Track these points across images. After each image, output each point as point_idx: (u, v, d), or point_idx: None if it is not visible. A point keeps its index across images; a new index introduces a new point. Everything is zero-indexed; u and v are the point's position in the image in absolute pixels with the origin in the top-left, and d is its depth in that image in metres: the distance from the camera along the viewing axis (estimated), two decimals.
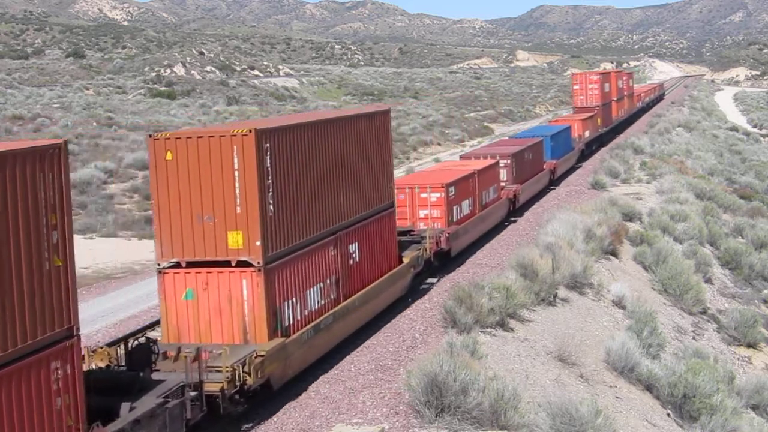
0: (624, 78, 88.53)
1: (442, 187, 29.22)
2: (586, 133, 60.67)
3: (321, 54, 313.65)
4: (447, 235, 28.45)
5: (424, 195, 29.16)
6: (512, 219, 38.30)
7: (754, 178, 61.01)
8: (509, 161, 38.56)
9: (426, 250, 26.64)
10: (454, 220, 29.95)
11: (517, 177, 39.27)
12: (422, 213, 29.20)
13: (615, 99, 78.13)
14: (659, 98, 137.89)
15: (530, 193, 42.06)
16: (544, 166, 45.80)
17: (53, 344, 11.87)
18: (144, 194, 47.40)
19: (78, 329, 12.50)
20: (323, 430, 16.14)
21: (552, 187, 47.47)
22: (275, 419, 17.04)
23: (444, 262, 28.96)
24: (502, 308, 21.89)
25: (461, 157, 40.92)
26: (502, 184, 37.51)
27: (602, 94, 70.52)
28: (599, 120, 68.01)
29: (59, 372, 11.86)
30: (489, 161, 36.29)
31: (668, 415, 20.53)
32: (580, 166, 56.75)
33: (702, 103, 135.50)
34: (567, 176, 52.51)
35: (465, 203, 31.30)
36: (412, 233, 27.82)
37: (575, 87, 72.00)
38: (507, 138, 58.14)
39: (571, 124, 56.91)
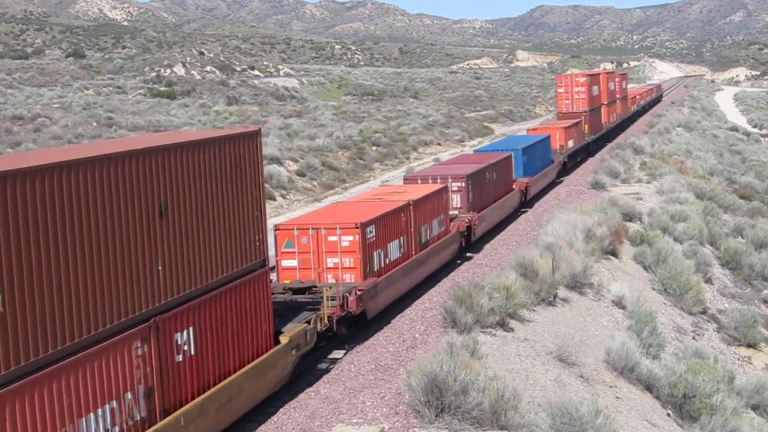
0: (616, 79, 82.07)
1: (356, 227, 22.34)
2: (570, 143, 54.62)
3: (321, 54, 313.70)
4: (358, 292, 21.39)
5: (332, 238, 22.36)
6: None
7: (754, 178, 60.99)
8: (463, 184, 32.01)
9: (322, 318, 20.02)
10: (374, 269, 23.22)
11: (475, 203, 32.86)
12: (331, 262, 22.39)
13: (606, 103, 72.13)
14: (656, 100, 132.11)
15: (492, 221, 35.54)
16: (514, 186, 39.60)
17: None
18: None
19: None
20: (323, 430, 16.14)
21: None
22: (275, 419, 17.05)
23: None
24: (502, 308, 21.89)
25: (405, 179, 33.83)
26: (454, 212, 31.47)
27: (590, 98, 64.50)
28: (586, 127, 62.15)
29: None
30: (433, 187, 29.73)
31: (668, 415, 20.54)
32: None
33: (702, 103, 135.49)
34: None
35: (393, 245, 24.71)
36: (314, 291, 21.22)
37: (559, 90, 65.80)
38: (470, 153, 49.03)
39: (551, 132, 51.19)
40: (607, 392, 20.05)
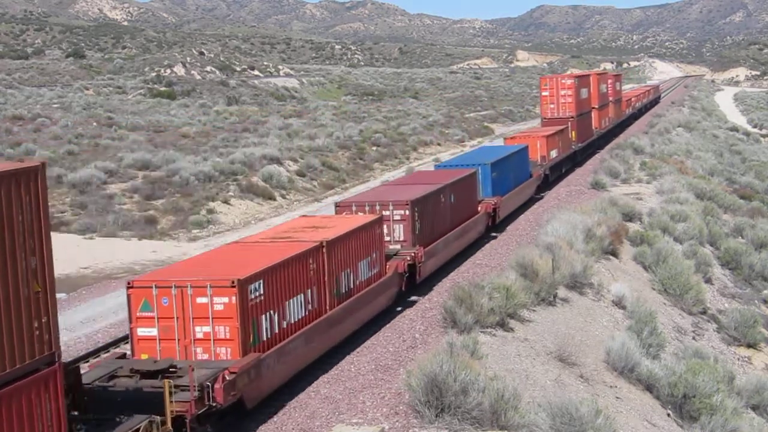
0: (609, 81, 75.46)
1: (233, 285, 16.44)
2: (553, 153, 48.13)
3: (321, 54, 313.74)
4: (229, 377, 15.66)
5: (202, 300, 16.62)
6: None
7: (754, 178, 60.99)
8: (407, 212, 26.05)
9: (166, 421, 14.31)
10: (262, 339, 17.33)
11: (423, 234, 26.98)
12: (200, 331, 16.69)
13: (596, 107, 65.89)
14: (654, 102, 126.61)
15: (446, 255, 29.39)
16: (479, 208, 33.81)
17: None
18: (144, 194, 47.47)
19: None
20: (323, 430, 16.14)
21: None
22: (275, 419, 17.05)
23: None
24: (502, 308, 21.89)
25: (338, 206, 26.83)
26: (395, 247, 25.75)
27: (578, 102, 58.02)
28: (573, 134, 56.16)
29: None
30: (361, 219, 23.70)
31: (668, 415, 20.53)
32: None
33: (702, 103, 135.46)
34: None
35: (295, 303, 18.71)
36: (172, 373, 15.69)
37: (543, 94, 58.40)
38: (428, 170, 42.87)
39: (530, 142, 45.48)
40: (607, 392, 20.05)
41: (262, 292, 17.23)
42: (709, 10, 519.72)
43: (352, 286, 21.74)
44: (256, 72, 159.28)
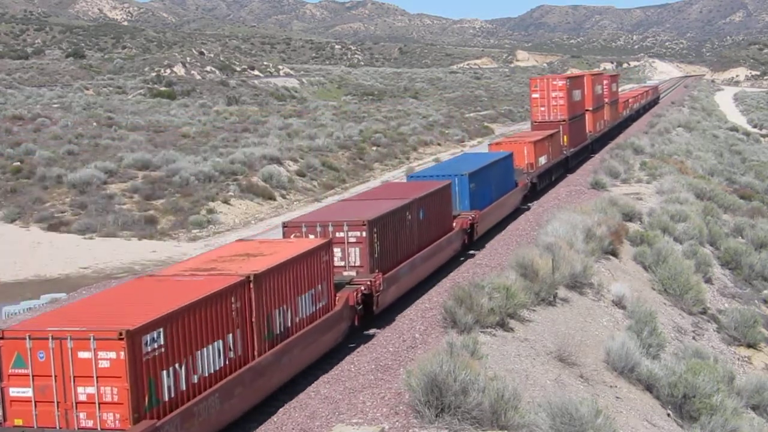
0: (605, 82, 71.91)
1: (120, 337, 13.37)
2: (542, 160, 45.12)
3: (321, 54, 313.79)
4: None
5: (85, 354, 13.54)
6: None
7: (754, 178, 60.99)
8: (364, 234, 22.53)
9: None
10: (162, 400, 14.14)
11: (384, 258, 23.59)
12: (83, 393, 13.61)
13: (591, 109, 62.14)
14: (653, 103, 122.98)
15: (414, 279, 25.95)
16: (454, 224, 30.42)
17: None
18: (144, 194, 47.48)
19: None
20: (323, 430, 16.15)
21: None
22: (275, 419, 17.05)
23: None
24: (502, 308, 21.89)
25: (285, 227, 23.32)
26: (349, 274, 22.32)
27: (570, 105, 54.44)
28: (565, 138, 52.74)
29: None
30: (305, 245, 20.06)
31: (668, 415, 20.54)
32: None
33: (702, 103, 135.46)
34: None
35: (209, 352, 15.43)
36: None
37: (534, 96, 54.73)
38: (398, 182, 40.79)
39: (517, 148, 42.34)
40: (607, 392, 20.05)
41: (162, 342, 14.01)
42: (709, 10, 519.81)
43: (288, 326, 18.27)
44: (256, 72, 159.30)
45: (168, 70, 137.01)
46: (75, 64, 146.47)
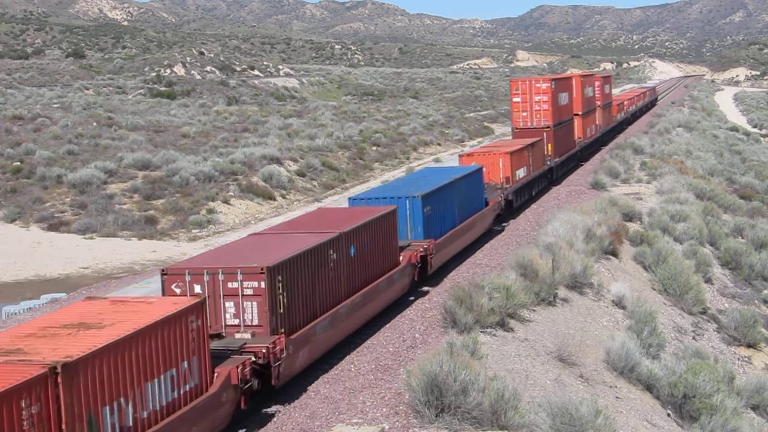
0: (596, 83, 66.26)
1: None
2: (519, 173, 40.04)
3: (321, 54, 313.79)
4: None
5: None
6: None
7: (754, 178, 60.98)
8: (262, 284, 17.47)
9: None
10: None
11: (292, 313, 18.52)
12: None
13: (581, 113, 56.92)
14: (650, 105, 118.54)
15: (336, 336, 20.57)
16: (401, 258, 25.14)
17: None
18: (144, 194, 47.47)
19: None
20: (323, 430, 16.15)
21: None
22: (275, 419, 17.05)
23: None
24: (502, 308, 21.89)
25: (164, 274, 18.17)
26: (243, 336, 17.57)
27: (555, 109, 48.68)
28: (549, 147, 47.23)
29: None
30: (164, 308, 14.94)
31: (668, 415, 20.54)
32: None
33: (702, 103, 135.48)
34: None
35: None
36: None
37: (515, 100, 48.56)
38: (334, 207, 35.20)
39: (489, 160, 37.55)
40: (607, 392, 20.05)
41: None
42: (709, 10, 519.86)
43: (130, 426, 13.34)
44: (256, 72, 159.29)
45: (168, 70, 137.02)
46: (75, 64, 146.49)
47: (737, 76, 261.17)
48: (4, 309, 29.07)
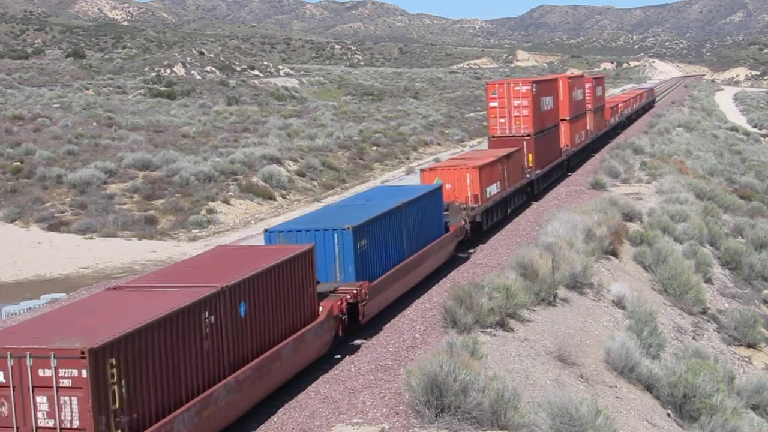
0: (587, 85, 61.37)
1: None
2: (491, 189, 34.99)
3: (321, 54, 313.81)
4: None
5: None
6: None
7: (754, 178, 60.98)
8: (84, 374, 12.52)
9: None
10: None
11: (141, 404, 13.56)
12: None
13: (568, 118, 52.02)
14: (648, 107, 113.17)
15: (213, 428, 15.36)
16: (320, 308, 20.12)
17: None
18: (144, 194, 47.44)
19: None
20: (323, 430, 16.15)
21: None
22: (275, 419, 17.06)
23: None
24: (502, 308, 21.89)
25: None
26: None
27: (537, 115, 44.02)
28: (530, 158, 42.72)
29: None
30: None
31: (668, 415, 20.54)
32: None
33: (702, 103, 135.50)
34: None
35: None
36: None
37: (491, 104, 43.69)
38: (240, 246, 27.47)
39: (455, 176, 33.04)
40: (607, 392, 20.05)
41: None
42: (709, 10, 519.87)
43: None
44: (256, 72, 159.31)
45: (168, 70, 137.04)
46: (75, 64, 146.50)
47: (737, 76, 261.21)
48: (4, 309, 29.06)
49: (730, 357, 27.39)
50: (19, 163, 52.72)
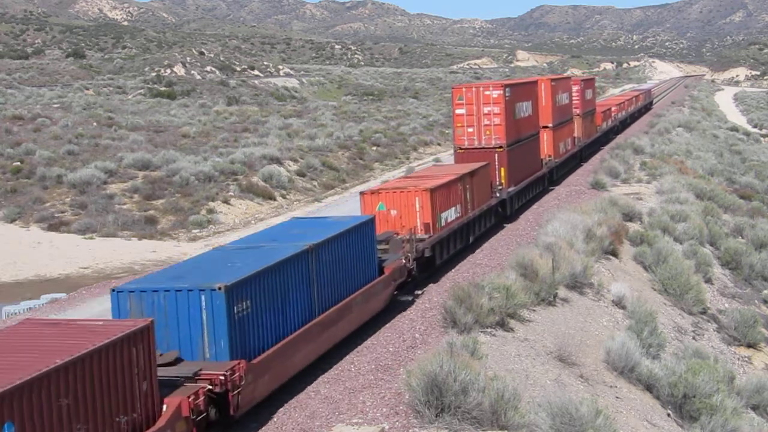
0: (575, 88, 55.62)
1: None
2: (447, 216, 29.08)
3: (321, 54, 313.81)
4: None
5: None
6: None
7: (754, 178, 60.99)
8: None
9: None
10: None
11: None
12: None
13: (551, 125, 46.33)
14: (644, 110, 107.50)
15: None
16: (164, 407, 14.29)
17: None
18: (144, 194, 47.44)
19: None
20: (323, 430, 16.15)
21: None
22: (275, 419, 17.05)
23: None
24: (502, 308, 21.89)
25: None
26: None
27: (512, 124, 38.60)
28: (502, 173, 37.15)
29: None
30: None
31: (668, 415, 20.54)
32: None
33: (702, 103, 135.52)
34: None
35: None
36: None
37: (458, 111, 37.97)
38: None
39: (400, 202, 27.50)
40: (607, 392, 20.05)
41: None
42: (709, 10, 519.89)
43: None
44: (256, 72, 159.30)
45: (168, 70, 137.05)
46: (75, 64, 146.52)
47: (737, 76, 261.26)
48: (4, 309, 29.07)
49: (730, 357, 27.39)
50: (19, 163, 52.72)
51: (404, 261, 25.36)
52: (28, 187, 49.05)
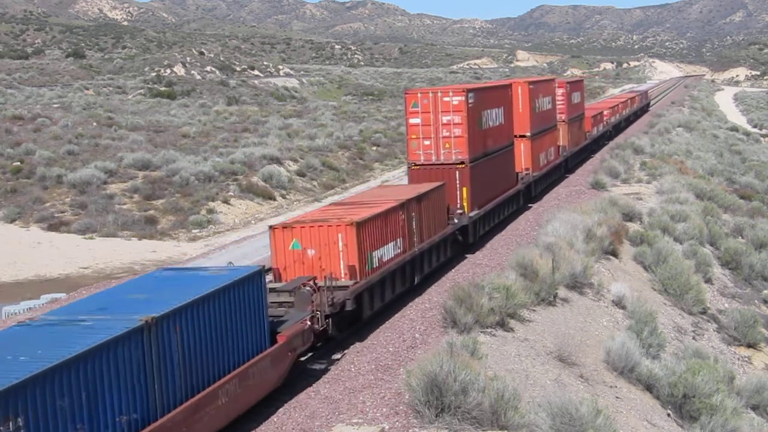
0: (559, 91, 49.78)
1: None
2: (382, 254, 23.21)
3: (321, 54, 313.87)
4: None
5: None
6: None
7: (754, 178, 60.98)
8: None
9: None
10: None
11: None
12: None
13: (529, 134, 40.59)
14: (640, 112, 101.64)
15: None
16: None
17: None
18: (144, 194, 47.45)
19: None
20: (323, 430, 16.14)
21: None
22: (275, 419, 17.05)
23: None
24: (502, 308, 21.88)
25: None
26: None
27: (477, 135, 32.46)
28: (464, 194, 31.17)
29: None
30: None
31: (668, 415, 20.54)
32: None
33: (702, 103, 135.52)
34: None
35: None
36: None
37: (412, 121, 31.56)
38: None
39: (319, 239, 21.51)
40: (607, 392, 20.05)
41: None
42: (709, 10, 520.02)
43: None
44: (256, 72, 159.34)
45: (168, 70, 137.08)
46: (75, 64, 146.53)
47: (737, 76, 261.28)
48: (4, 309, 29.07)
49: (730, 357, 27.39)
50: (19, 163, 52.72)
51: (309, 321, 19.53)
52: (28, 187, 49.05)
